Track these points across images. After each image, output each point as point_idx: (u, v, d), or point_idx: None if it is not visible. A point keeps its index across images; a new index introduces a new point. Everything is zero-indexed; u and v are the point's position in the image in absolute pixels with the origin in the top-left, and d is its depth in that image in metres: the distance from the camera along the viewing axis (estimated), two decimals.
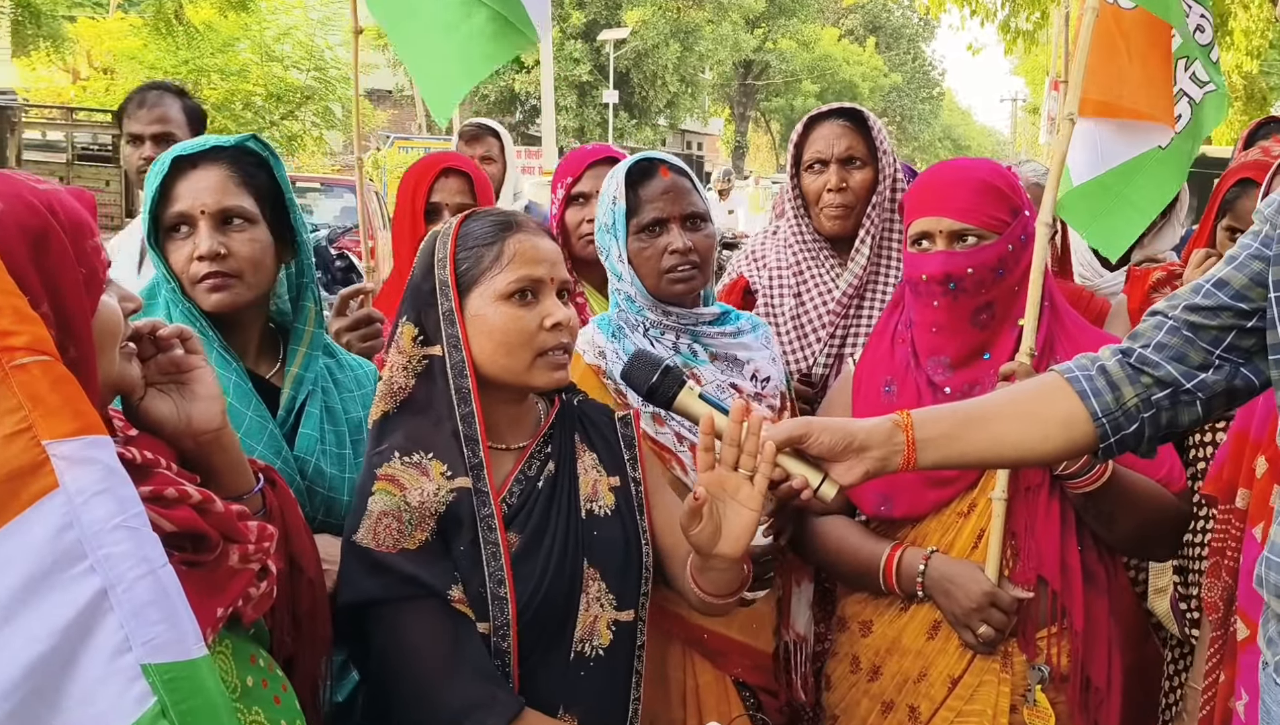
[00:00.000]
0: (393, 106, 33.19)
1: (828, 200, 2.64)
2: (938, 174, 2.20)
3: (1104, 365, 1.60)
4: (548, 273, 1.75)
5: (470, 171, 2.95)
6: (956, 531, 2.11)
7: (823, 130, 2.69)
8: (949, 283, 2.08)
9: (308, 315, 1.99)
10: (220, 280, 1.85)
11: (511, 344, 1.72)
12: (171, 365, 1.46)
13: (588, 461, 1.84)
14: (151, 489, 1.26)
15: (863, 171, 2.65)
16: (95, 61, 21.66)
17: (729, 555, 1.57)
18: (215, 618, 1.28)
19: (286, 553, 1.58)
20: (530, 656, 1.69)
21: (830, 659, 2.29)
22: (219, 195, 1.86)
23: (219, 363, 1.85)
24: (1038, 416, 1.60)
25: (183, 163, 1.87)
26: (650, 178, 2.20)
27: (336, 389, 2.03)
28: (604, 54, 33.96)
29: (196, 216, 1.85)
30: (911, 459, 1.58)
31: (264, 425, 1.86)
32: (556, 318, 1.73)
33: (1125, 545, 2.14)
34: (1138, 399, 1.57)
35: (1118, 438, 1.59)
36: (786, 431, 1.56)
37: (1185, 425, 1.60)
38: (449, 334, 1.72)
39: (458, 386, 1.71)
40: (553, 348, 1.74)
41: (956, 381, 2.12)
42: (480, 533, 1.66)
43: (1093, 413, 1.58)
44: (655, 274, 2.19)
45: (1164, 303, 1.62)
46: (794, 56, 43.48)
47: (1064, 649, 2.06)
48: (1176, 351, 1.56)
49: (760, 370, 2.28)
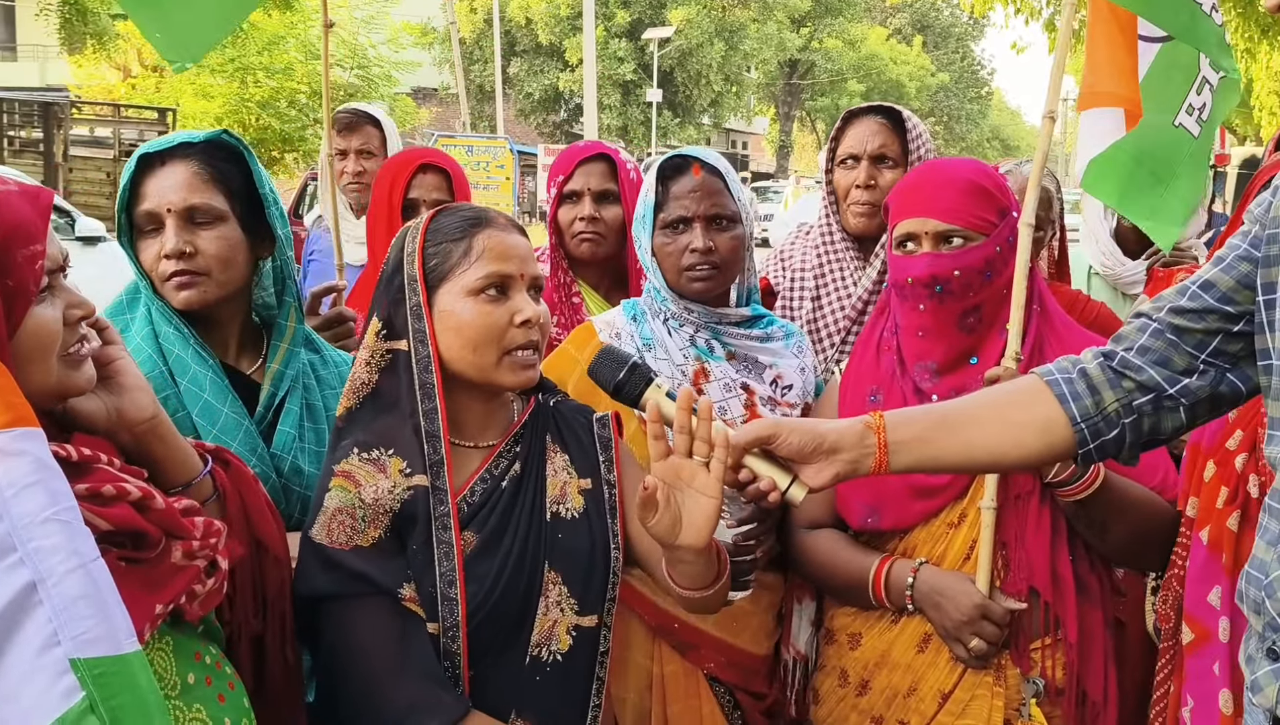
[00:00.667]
0: (437, 105, 33.43)
1: (855, 196, 2.62)
2: (923, 174, 2.14)
3: (1085, 368, 1.54)
4: (518, 269, 1.73)
5: (449, 168, 2.92)
6: (947, 543, 2.06)
7: (858, 126, 2.66)
8: (935, 285, 2.03)
9: (289, 310, 1.98)
10: (187, 278, 1.84)
11: (479, 340, 1.69)
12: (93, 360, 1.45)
13: (558, 463, 1.81)
14: (88, 487, 1.26)
15: (894, 171, 2.61)
16: (145, 60, 22.02)
17: (692, 545, 1.53)
18: (154, 614, 1.27)
19: (249, 534, 1.58)
20: (483, 658, 1.66)
21: (818, 672, 2.23)
22: (185, 193, 1.85)
23: (194, 359, 1.84)
24: (1014, 420, 1.55)
25: (151, 160, 1.87)
26: (682, 174, 2.21)
27: (319, 385, 2.01)
28: (648, 53, 33.96)
29: (163, 215, 1.85)
30: (883, 462, 1.53)
31: (239, 422, 1.85)
32: (526, 314, 1.71)
33: (1118, 555, 2.07)
34: (1118, 404, 1.51)
35: (1097, 444, 1.53)
36: (754, 432, 1.52)
37: (1168, 432, 1.54)
38: (415, 329, 1.70)
39: (422, 382, 1.69)
40: (521, 345, 1.71)
41: (943, 387, 2.06)
42: (434, 531, 1.64)
43: (1071, 417, 1.52)
44: (675, 271, 2.20)
45: (1149, 304, 1.56)
46: (840, 56, 43.20)
47: (1058, 661, 2.00)
48: (1160, 355, 1.50)
49: (783, 377, 2.25)
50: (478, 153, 16.88)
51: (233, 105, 19.41)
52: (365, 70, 20.88)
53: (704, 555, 1.58)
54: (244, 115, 19.37)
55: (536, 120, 36.27)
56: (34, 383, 1.25)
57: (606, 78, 33.00)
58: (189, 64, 2.76)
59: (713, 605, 1.73)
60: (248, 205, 1.91)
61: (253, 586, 1.57)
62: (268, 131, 19.82)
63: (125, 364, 1.48)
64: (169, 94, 20.12)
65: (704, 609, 1.75)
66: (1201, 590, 1.82)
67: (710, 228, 2.18)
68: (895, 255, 2.09)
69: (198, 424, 1.81)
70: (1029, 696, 1.99)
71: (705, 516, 1.51)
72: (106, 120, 16.30)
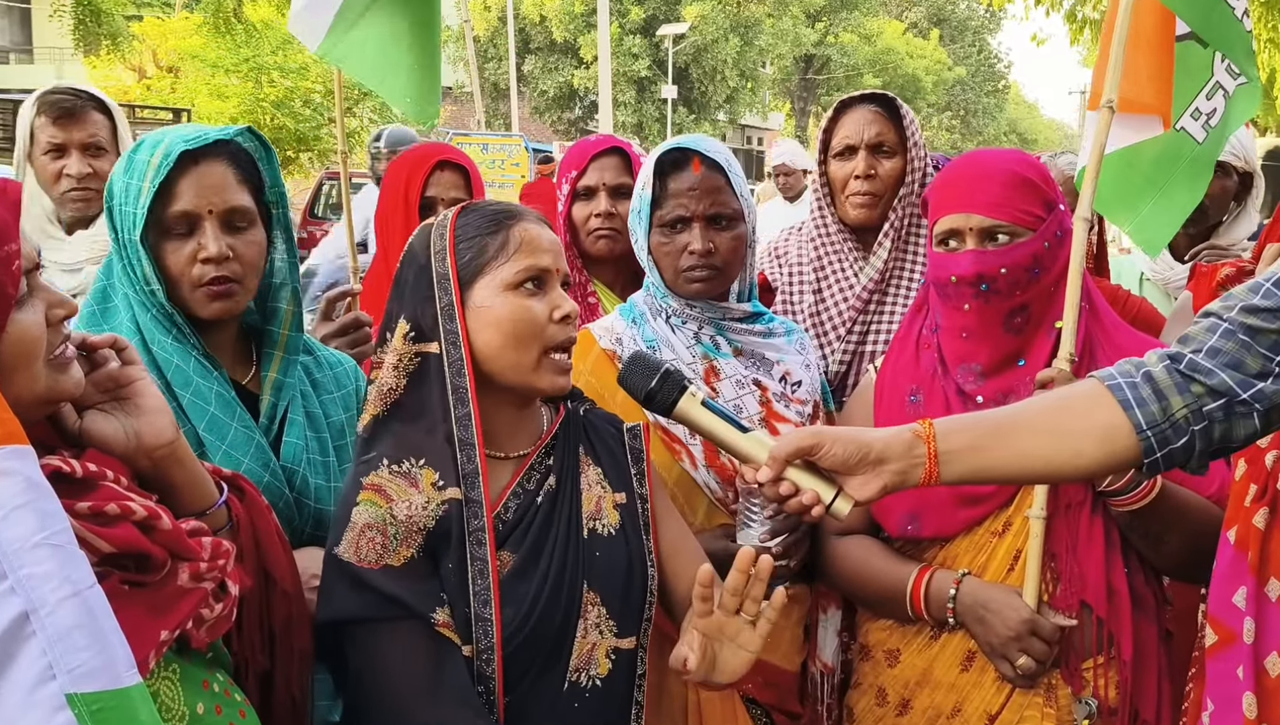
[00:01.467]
0: (452, 103, 33.41)
1: (854, 187, 2.54)
2: (965, 166, 2.03)
3: (1150, 372, 1.44)
4: (553, 263, 1.65)
5: (466, 165, 2.81)
6: (990, 552, 1.95)
7: (853, 116, 2.58)
8: (980, 284, 1.93)
9: (283, 318, 1.87)
10: (226, 287, 1.75)
11: (521, 335, 1.61)
12: (110, 381, 1.36)
13: (592, 476, 1.72)
14: (91, 505, 1.18)
15: (892, 160, 2.54)
16: (160, 60, 22.06)
17: (721, 685, 1.54)
18: (158, 641, 1.19)
19: (258, 565, 1.49)
20: (520, 684, 1.58)
21: (853, 689, 2.13)
22: (226, 194, 1.75)
23: (198, 372, 1.75)
24: (1073, 428, 1.45)
25: (183, 158, 1.75)
26: (680, 170, 2.10)
27: (315, 392, 1.92)
28: (663, 49, 33.84)
29: (203, 216, 1.74)
30: (933, 473, 1.43)
31: (249, 436, 1.76)
32: (565, 309, 1.63)
33: (1173, 567, 1.97)
34: (1187, 410, 1.41)
35: (1164, 453, 1.43)
36: (796, 443, 1.43)
37: (1241, 439, 1.44)
38: (448, 329, 1.61)
39: (455, 386, 1.59)
40: (561, 344, 1.64)
41: (989, 390, 1.96)
42: (468, 548, 1.55)
43: (1136, 425, 1.42)
44: (672, 271, 2.11)
45: (1219, 303, 1.45)
46: (856, 50, 42.97)
47: (1112, 680, 1.90)
48: (1232, 357, 1.40)
49: (791, 373, 2.16)
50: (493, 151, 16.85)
51: (247, 105, 19.40)
52: None
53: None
54: (259, 115, 19.36)
55: (551, 118, 36.20)
56: (21, 392, 1.17)
57: (621, 74, 32.90)
58: (434, 120, 3.05)
59: None
60: (262, 207, 1.83)
61: (260, 620, 1.48)
62: (282, 131, 19.80)
63: (145, 386, 1.38)
64: (184, 95, 20.13)
65: None
66: (1227, 590, 1.73)
67: (710, 228, 2.08)
68: (936, 252, 1.99)
69: (205, 440, 1.71)
70: (1081, 718, 1.89)
71: (741, 664, 1.52)
72: None
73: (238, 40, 19.23)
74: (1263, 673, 1.67)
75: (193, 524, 1.31)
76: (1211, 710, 1.71)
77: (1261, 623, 1.68)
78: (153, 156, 1.74)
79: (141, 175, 1.74)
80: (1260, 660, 1.67)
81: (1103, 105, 2.15)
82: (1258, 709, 1.66)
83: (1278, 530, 1.70)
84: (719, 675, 1.52)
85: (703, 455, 2.04)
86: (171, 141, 1.76)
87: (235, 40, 19.20)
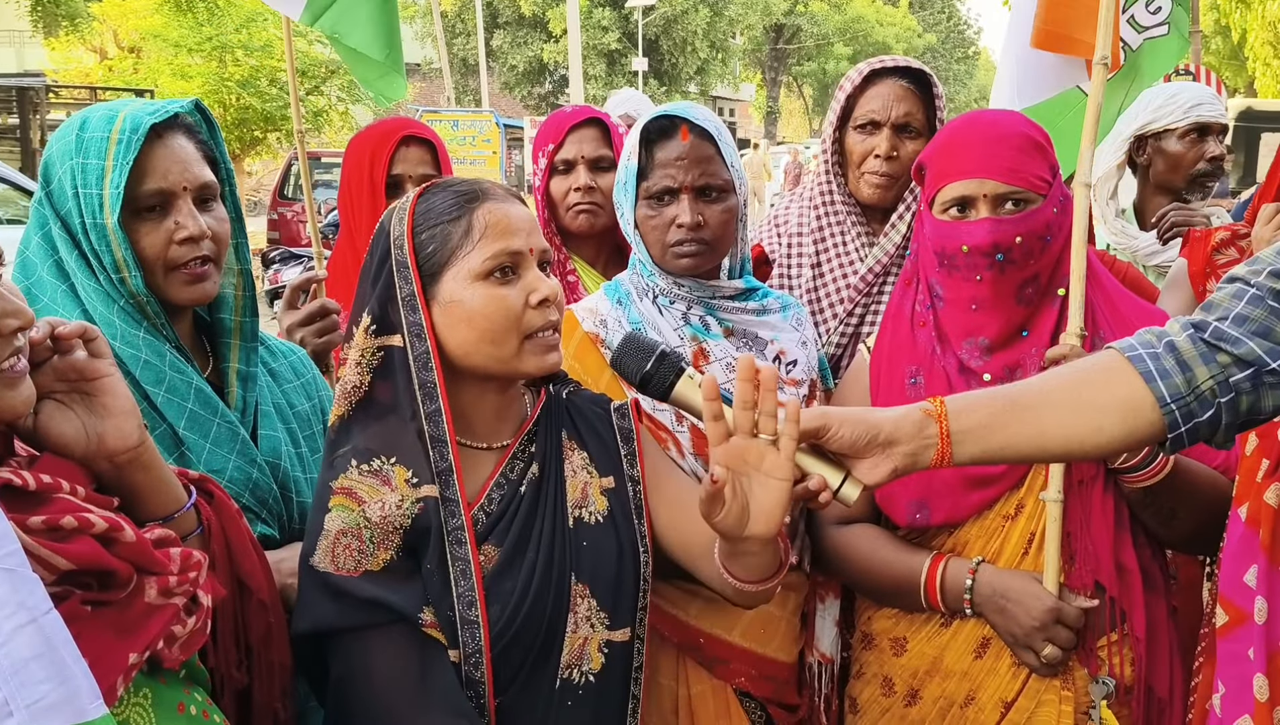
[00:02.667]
0: (420, 80, 33.05)
1: (873, 166, 2.37)
2: (971, 129, 1.91)
3: (1173, 341, 1.36)
4: (525, 243, 1.54)
5: (433, 140, 2.66)
6: (1003, 537, 1.88)
7: (882, 89, 2.39)
8: (996, 254, 1.83)
9: (231, 304, 1.75)
10: (206, 268, 1.64)
11: (497, 329, 1.51)
12: (73, 371, 1.25)
13: (577, 461, 1.63)
14: (46, 519, 1.08)
15: (916, 143, 2.37)
16: (121, 41, 21.70)
17: (763, 535, 1.34)
18: (126, 665, 1.10)
19: (231, 574, 1.40)
20: (510, 685, 1.50)
21: (855, 680, 2.05)
22: (197, 169, 1.64)
23: (174, 366, 1.63)
24: (1092, 403, 1.37)
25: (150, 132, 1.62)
26: (669, 138, 1.98)
27: (276, 381, 1.82)
28: (632, 21, 33.57)
29: (178, 193, 1.62)
30: (946, 454, 1.35)
31: (234, 432, 1.65)
32: (543, 292, 1.52)
33: (1182, 542, 1.91)
34: (1213, 381, 1.33)
35: (1189, 427, 1.35)
36: (802, 425, 1.34)
37: (1270, 411, 1.36)
38: (410, 322, 1.51)
39: (422, 380, 1.50)
40: (542, 327, 1.53)
41: (994, 366, 1.88)
42: (448, 548, 1.47)
43: (1160, 398, 1.34)
44: (660, 246, 2.00)
45: (1244, 267, 1.37)
46: (825, 19, 42.84)
47: (1126, 658, 1.84)
48: (1261, 325, 1.32)
49: (786, 352, 2.07)
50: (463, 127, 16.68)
51: (212, 85, 19.08)
52: None
53: (772, 544, 1.41)
54: (224, 95, 19.06)
55: (521, 93, 35.88)
56: None
57: (591, 48, 32.60)
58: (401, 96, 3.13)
59: (766, 597, 1.54)
60: None
61: (235, 634, 1.38)
62: (249, 111, 19.52)
63: (112, 383, 1.27)
64: (146, 75, 19.79)
65: (756, 601, 1.56)
66: (1238, 569, 1.67)
67: (699, 200, 1.97)
68: (943, 221, 1.89)
69: (186, 438, 1.60)
70: (1099, 698, 1.82)
71: (776, 502, 1.32)
72: (84, 104, 15.98)
73: (200, 19, 18.90)
74: (1276, 654, 1.62)
75: (159, 533, 1.22)
76: (1223, 693, 1.66)
77: (1274, 602, 1.62)
78: (110, 132, 1.60)
79: (100, 153, 1.59)
80: (1275, 641, 1.62)
81: (1096, 63, 2.07)
82: (1269, 691, 1.61)
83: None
84: (756, 524, 1.33)
85: (690, 443, 1.96)
86: (133, 115, 1.62)
87: (197, 19, 18.87)
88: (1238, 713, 1.63)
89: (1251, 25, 16.98)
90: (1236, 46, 19.25)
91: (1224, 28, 19.32)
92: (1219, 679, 1.67)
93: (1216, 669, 1.68)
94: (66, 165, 1.61)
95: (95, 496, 1.20)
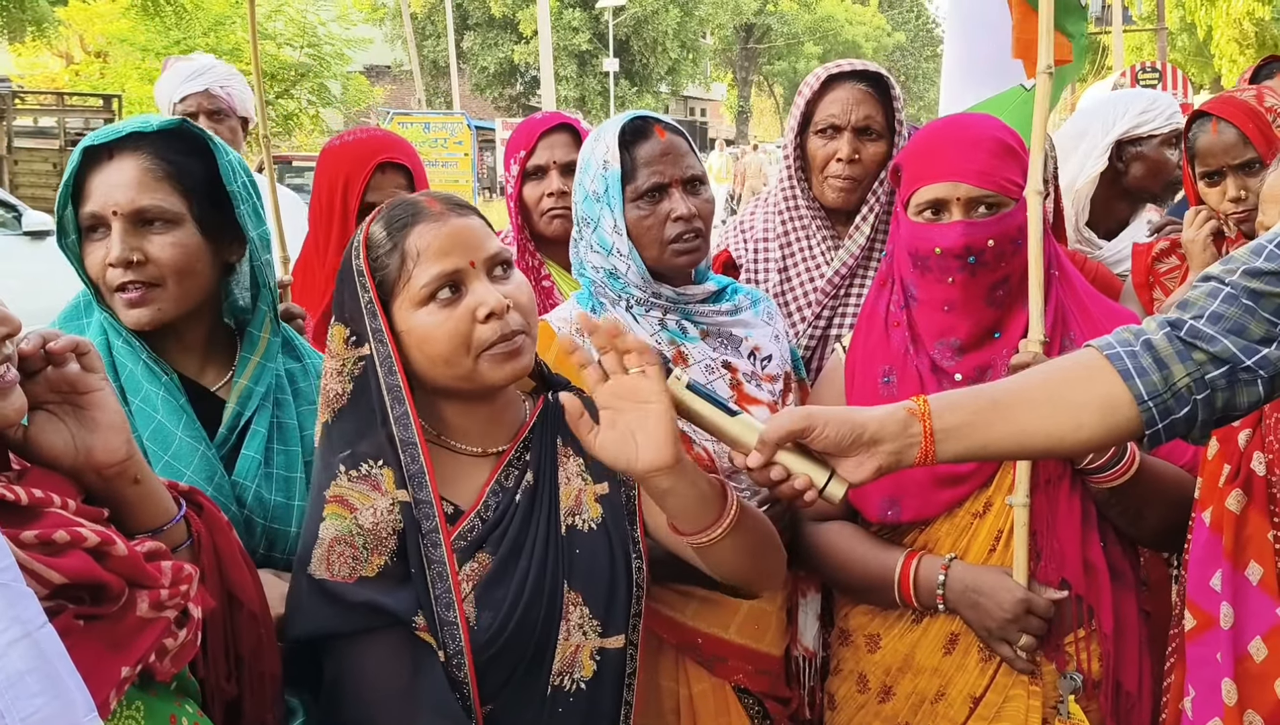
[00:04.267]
0: (391, 82, 32.94)
1: (835, 170, 2.42)
2: (947, 133, 1.96)
3: (1150, 339, 1.39)
4: (464, 258, 1.54)
5: (409, 164, 2.60)
6: (971, 534, 1.92)
7: (840, 92, 2.43)
8: (969, 256, 1.87)
9: (263, 319, 1.77)
10: (138, 293, 1.64)
11: (445, 353, 1.53)
12: (65, 383, 1.26)
13: (571, 468, 1.65)
14: (38, 533, 1.09)
15: (877, 145, 2.42)
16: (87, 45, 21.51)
17: (658, 463, 1.39)
18: (119, 679, 1.11)
19: (221, 586, 1.41)
20: (502, 691, 1.52)
21: (833, 676, 2.09)
22: (134, 192, 1.63)
23: (145, 375, 1.65)
24: (1072, 400, 1.40)
25: (98, 153, 1.64)
26: (645, 138, 2.00)
27: (295, 400, 1.80)
28: (603, 22, 33.58)
29: (108, 217, 1.63)
30: (930, 452, 1.38)
31: (195, 446, 1.65)
32: (489, 306, 1.52)
33: (1151, 539, 1.96)
34: (1190, 378, 1.36)
35: (1166, 423, 1.38)
36: (787, 425, 1.37)
37: (1244, 407, 1.39)
38: (373, 328, 1.55)
39: (389, 385, 1.53)
40: (495, 341, 1.54)
41: (966, 366, 1.92)
42: (424, 550, 1.49)
43: (1137, 395, 1.36)
44: (657, 244, 2.00)
45: (1219, 266, 1.40)
46: (795, 18, 43.00)
47: (1094, 654, 1.88)
48: (1235, 323, 1.35)
49: (761, 348, 2.10)
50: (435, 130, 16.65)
51: None
52: (316, 48, 20.44)
53: (684, 477, 1.43)
54: None
55: (493, 94, 35.83)
56: None
57: (562, 49, 32.58)
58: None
59: (730, 557, 1.54)
60: (210, 204, 1.69)
61: (225, 645, 1.40)
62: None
63: (103, 397, 1.29)
64: (113, 80, 19.62)
65: (724, 563, 1.56)
66: (1204, 574, 1.73)
67: (686, 191, 2.00)
68: (916, 223, 1.92)
69: (148, 449, 1.61)
70: (1067, 693, 1.86)
71: (661, 426, 1.38)
72: (50, 109, 15.83)
73: (167, 22, 18.76)
74: (1245, 658, 1.66)
75: (150, 546, 1.23)
76: (1194, 696, 1.70)
77: (1240, 607, 1.67)
78: (73, 159, 1.66)
79: (63, 180, 1.66)
80: (1241, 645, 1.66)
81: (1041, 72, 2.10)
82: (1237, 695, 1.65)
83: (1253, 513, 1.70)
84: (646, 453, 1.39)
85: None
86: (92, 135, 1.68)
87: (165, 22, 18.73)
88: (1209, 715, 1.68)
89: (1217, 22, 17.22)
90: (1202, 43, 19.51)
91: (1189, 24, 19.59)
92: (1189, 683, 1.71)
93: (1187, 673, 1.73)
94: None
95: (86, 509, 1.21)
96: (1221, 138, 2.51)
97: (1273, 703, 1.64)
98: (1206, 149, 2.54)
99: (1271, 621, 1.66)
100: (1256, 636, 1.66)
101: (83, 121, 15.29)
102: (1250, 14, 13.90)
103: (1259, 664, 1.65)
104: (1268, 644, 1.65)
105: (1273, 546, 1.68)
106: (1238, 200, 2.48)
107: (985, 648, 1.89)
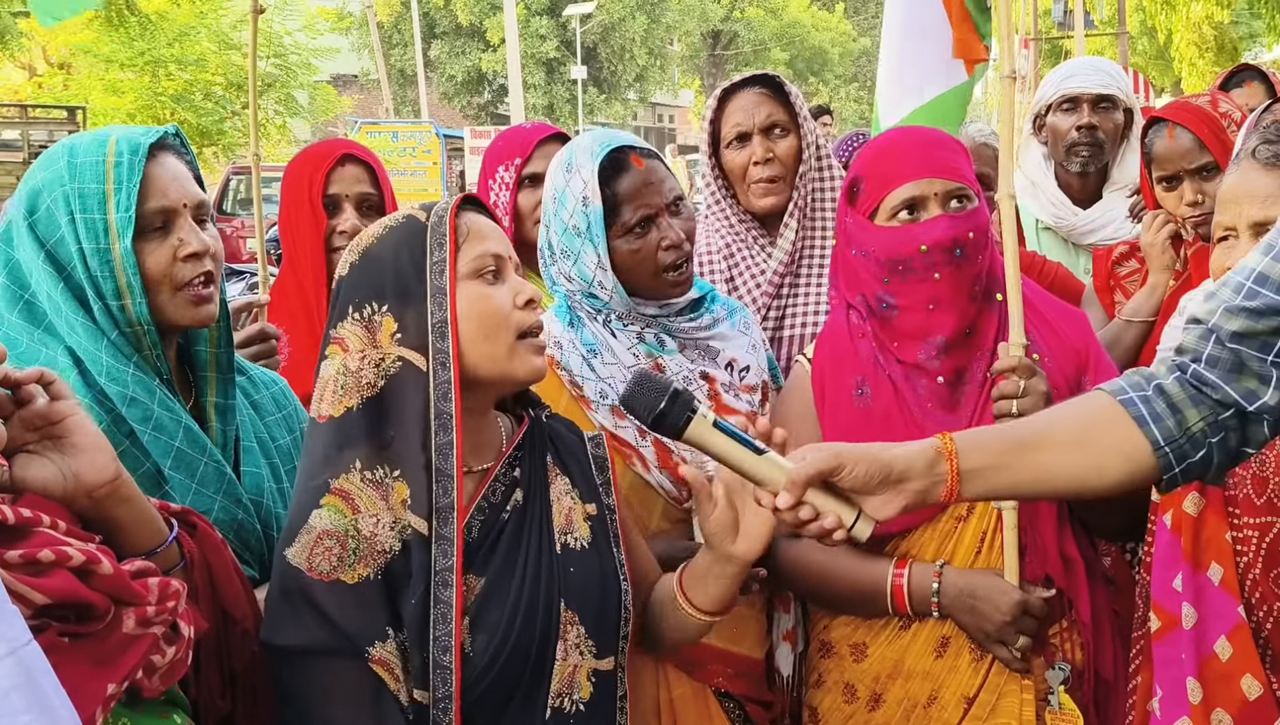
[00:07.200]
0: (358, 91, 32.81)
1: (755, 174, 2.47)
2: (905, 138, 2.01)
3: (1162, 385, 1.40)
4: (505, 250, 1.59)
5: (370, 160, 2.62)
6: (956, 538, 1.93)
7: (740, 101, 2.51)
8: (955, 249, 1.88)
9: (206, 335, 1.71)
10: (208, 289, 1.62)
11: (488, 326, 1.52)
12: (40, 418, 1.24)
13: (561, 487, 1.64)
14: (24, 553, 1.09)
15: (787, 139, 2.48)
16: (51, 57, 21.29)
17: (744, 556, 1.50)
18: (105, 696, 1.11)
19: (214, 604, 1.40)
20: (501, 715, 1.50)
21: (814, 689, 2.07)
22: (192, 187, 1.64)
23: (162, 402, 1.59)
24: (1094, 444, 1.42)
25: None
26: (623, 170, 1.99)
27: (258, 414, 1.80)
28: (570, 30, 33.57)
29: (179, 210, 1.61)
30: (955, 491, 1.41)
31: (220, 471, 1.62)
32: (528, 293, 1.56)
33: (1119, 535, 2.01)
34: (1204, 423, 1.38)
35: (1183, 467, 1.39)
36: (816, 465, 1.38)
37: (1257, 443, 1.42)
38: (437, 348, 1.50)
39: (439, 411, 1.48)
40: (531, 327, 1.56)
41: (947, 367, 1.94)
42: (434, 590, 1.45)
43: (1153, 441, 1.38)
44: (649, 274, 2.01)
45: (1202, 306, 1.42)
46: (762, 25, 43.09)
47: (1076, 643, 1.92)
48: (1230, 365, 1.36)
49: (738, 360, 2.12)
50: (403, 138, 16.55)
51: (145, 100, 18.76)
52: (283, 58, 20.33)
53: (744, 574, 1.52)
54: (157, 110, 18.73)
55: (461, 103, 35.72)
56: None
57: (530, 56, 32.53)
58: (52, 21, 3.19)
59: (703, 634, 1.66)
60: None
61: (218, 663, 1.39)
62: (184, 126, 19.21)
63: (79, 421, 1.27)
64: (77, 92, 19.41)
65: (694, 638, 1.68)
66: (1166, 575, 1.76)
67: (672, 214, 2.01)
68: (892, 227, 1.92)
69: (170, 478, 1.57)
70: (1057, 684, 1.89)
71: (765, 527, 1.47)
72: (14, 122, 15.62)
73: (132, 33, 18.56)
74: (1210, 658, 1.69)
75: (138, 564, 1.23)
76: (1161, 695, 1.73)
77: (1202, 608, 1.71)
78: (105, 155, 1.57)
79: (98, 176, 1.56)
80: (1205, 645, 1.69)
81: (1003, 78, 2.14)
82: (1202, 694, 1.68)
83: (1210, 515, 1.73)
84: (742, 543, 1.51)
85: (654, 457, 1.99)
86: (128, 136, 1.61)
87: (129, 33, 18.53)
88: (1176, 714, 1.71)
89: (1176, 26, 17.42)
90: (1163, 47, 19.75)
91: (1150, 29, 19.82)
92: (1157, 683, 1.74)
93: (1154, 673, 1.75)
94: (57, 192, 1.57)
95: (76, 531, 1.21)
96: (1177, 143, 2.55)
97: (1240, 700, 1.67)
98: (1163, 154, 2.58)
99: (1234, 620, 1.69)
100: (1221, 636, 1.69)
101: (47, 134, 15.10)
102: (1209, 18, 14.10)
103: (1225, 663, 1.68)
104: (1232, 643, 1.69)
105: (1232, 547, 1.71)
106: (1195, 204, 2.53)
107: (977, 648, 1.91)
